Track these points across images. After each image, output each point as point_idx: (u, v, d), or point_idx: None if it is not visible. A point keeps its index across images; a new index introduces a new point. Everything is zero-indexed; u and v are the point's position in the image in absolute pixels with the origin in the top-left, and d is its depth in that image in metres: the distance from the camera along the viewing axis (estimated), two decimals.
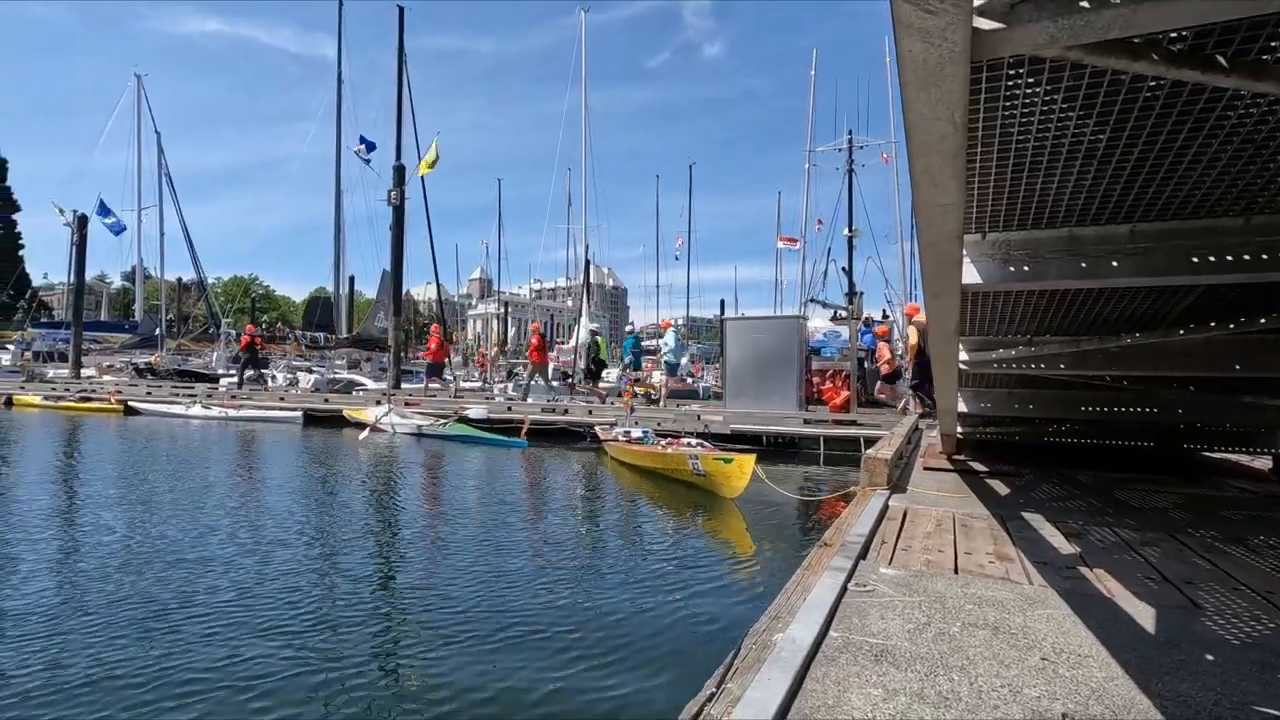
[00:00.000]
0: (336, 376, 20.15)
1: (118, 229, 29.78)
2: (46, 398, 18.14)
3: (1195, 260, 2.94)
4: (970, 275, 3.22)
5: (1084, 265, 3.09)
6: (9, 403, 18.28)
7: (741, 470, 7.01)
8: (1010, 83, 2.06)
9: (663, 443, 9.21)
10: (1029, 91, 2.09)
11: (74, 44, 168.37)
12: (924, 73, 1.48)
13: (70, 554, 4.95)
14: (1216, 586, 2.92)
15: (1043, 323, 4.40)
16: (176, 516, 6.10)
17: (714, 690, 1.79)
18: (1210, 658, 2.15)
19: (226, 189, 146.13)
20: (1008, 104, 2.14)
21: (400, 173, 19.46)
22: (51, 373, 22.97)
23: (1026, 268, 3.18)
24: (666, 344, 14.42)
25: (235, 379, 19.06)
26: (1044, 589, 2.84)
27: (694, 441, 9.29)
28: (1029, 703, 1.81)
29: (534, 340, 16.18)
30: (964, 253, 3.11)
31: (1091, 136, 2.34)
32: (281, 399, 16.42)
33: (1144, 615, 2.55)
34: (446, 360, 18.13)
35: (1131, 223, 3.04)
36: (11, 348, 28.26)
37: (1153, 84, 2.04)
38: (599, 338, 16.90)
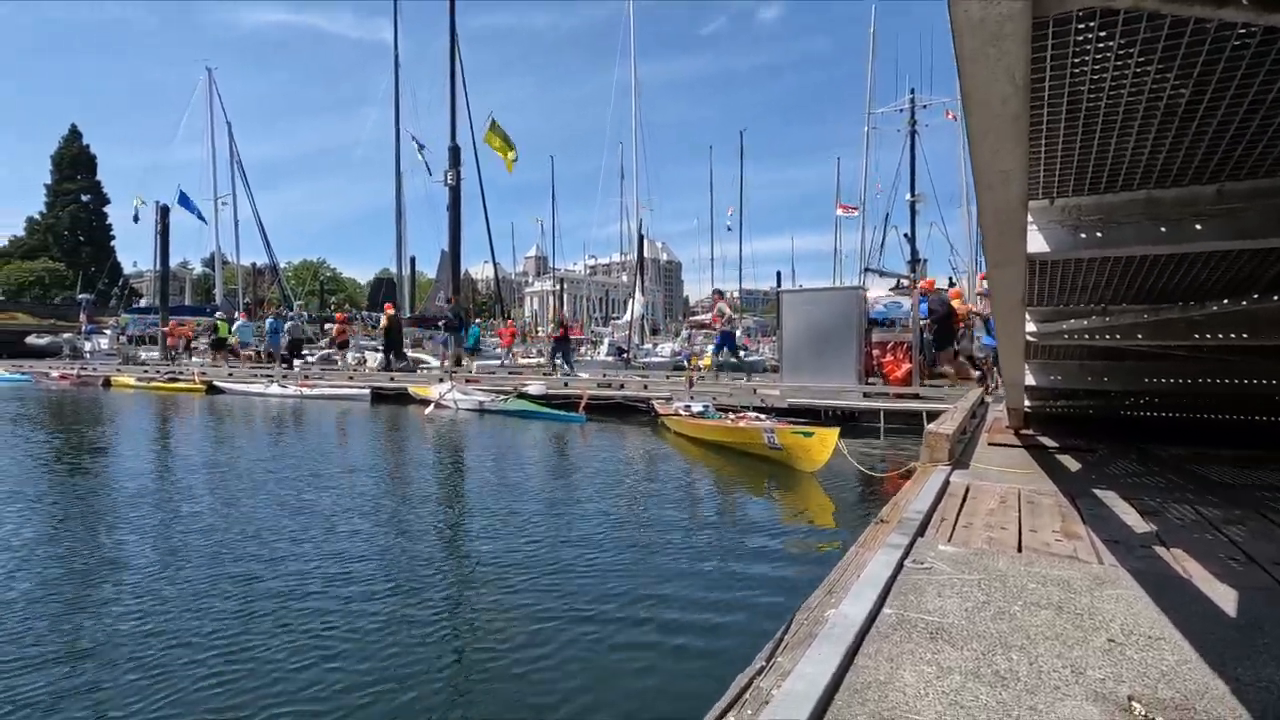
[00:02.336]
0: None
1: (203, 217, 31.68)
2: (139, 379, 19.48)
3: None
4: (1037, 243, 3.06)
5: (1163, 229, 2.89)
6: (107, 383, 19.73)
7: (823, 444, 6.93)
8: (1080, 37, 1.93)
9: (731, 416, 9.21)
10: (1101, 46, 1.96)
11: (148, 41, 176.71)
12: (982, 33, 1.41)
13: (173, 514, 5.34)
14: None
15: (1117, 291, 4.15)
16: (264, 484, 6.50)
17: (764, 664, 1.81)
18: None
19: (293, 176, 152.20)
20: (1077, 60, 2.00)
21: (455, 153, 19.80)
22: (144, 355, 24.63)
23: (1099, 234, 2.99)
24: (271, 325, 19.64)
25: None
26: (1114, 568, 2.73)
27: (762, 415, 9.26)
28: (1092, 684, 1.76)
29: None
30: (1030, 220, 2.96)
31: (1172, 92, 2.17)
32: (350, 377, 17.13)
33: (1224, 597, 2.43)
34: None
35: (1218, 182, 2.81)
36: (109, 332, 30.37)
37: (1242, 31, 1.88)
38: (220, 321, 21.71)
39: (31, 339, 32.57)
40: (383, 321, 19.15)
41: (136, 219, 30.57)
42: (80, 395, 17.71)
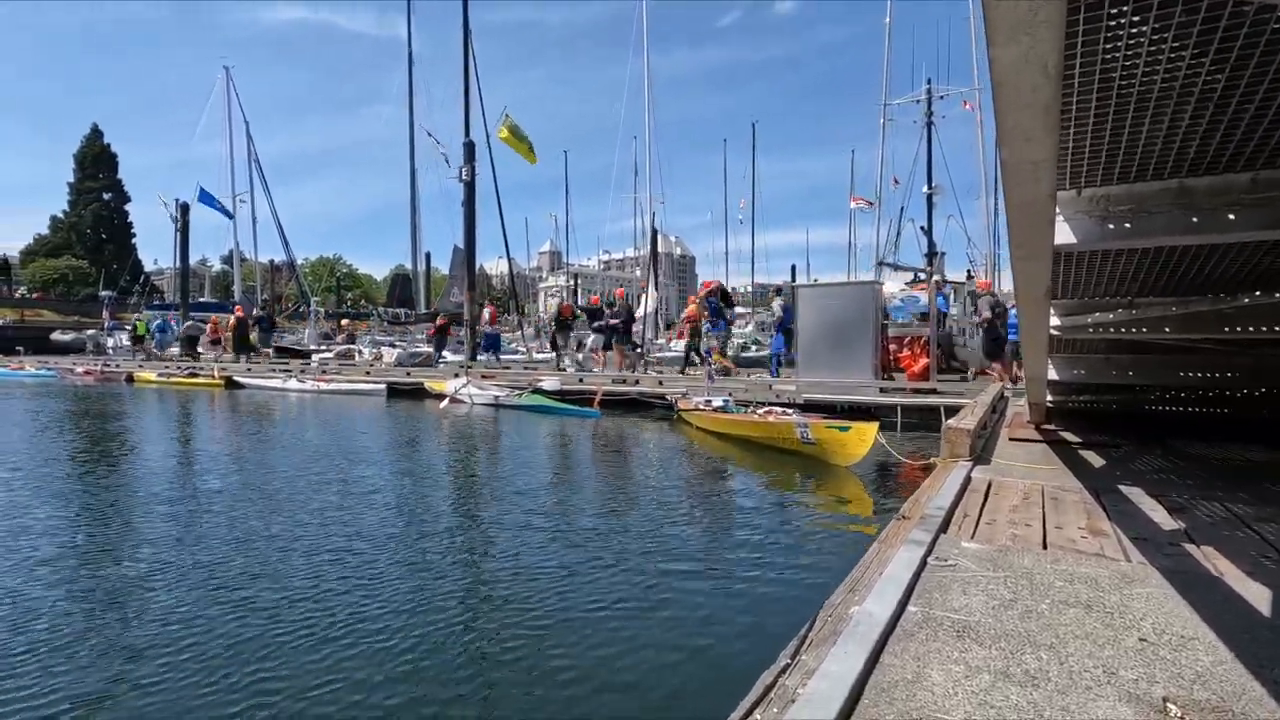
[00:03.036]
0: (417, 350, 20.97)
1: (228, 213, 32.05)
2: (160, 374, 19.79)
3: None
4: (1064, 235, 3.00)
5: (1195, 219, 2.81)
6: (130, 379, 20.06)
7: (861, 438, 6.88)
8: (1112, 22, 1.88)
9: (760, 411, 9.18)
10: (1134, 31, 1.90)
11: (167, 39, 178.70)
12: (1013, 20, 1.37)
13: (200, 507, 5.41)
14: None
15: (1145, 283, 4.06)
16: (288, 479, 6.57)
17: (788, 662, 1.80)
18: None
19: (311, 172, 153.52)
20: (1109, 46, 1.95)
21: (470, 149, 19.81)
22: (170, 351, 25.05)
23: (1128, 224, 2.92)
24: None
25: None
26: (1143, 566, 2.68)
27: (790, 410, 9.23)
28: (1126, 685, 1.73)
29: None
30: (1057, 210, 2.90)
31: (1208, 77, 2.11)
32: (367, 372, 17.27)
33: (1258, 596, 2.37)
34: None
35: (1253, 170, 2.73)
36: (130, 328, 30.82)
37: None
38: (139, 320, 25.46)
39: (56, 335, 33.18)
40: (230, 321, 22.56)
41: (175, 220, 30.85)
42: (105, 390, 18.01)
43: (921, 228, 29.74)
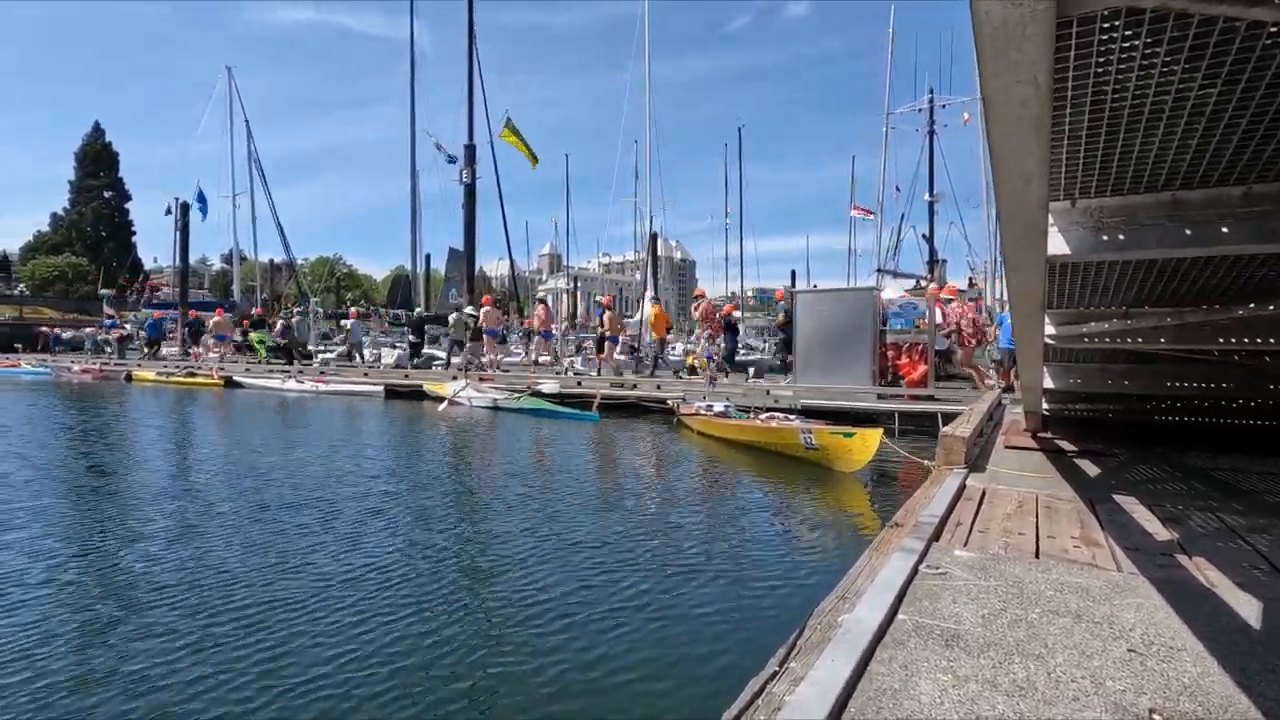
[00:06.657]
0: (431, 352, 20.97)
1: (203, 213, 32.23)
2: (159, 373, 19.82)
3: None
4: (1057, 246, 3.01)
5: (1189, 232, 2.83)
6: (129, 378, 20.09)
7: (865, 444, 6.88)
8: (1105, 37, 1.89)
9: (763, 416, 9.21)
10: (1126, 46, 1.92)
11: (172, 37, 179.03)
12: (1002, 35, 1.38)
13: (200, 505, 5.42)
14: None
15: (1140, 293, 4.08)
16: (292, 478, 6.57)
17: (777, 669, 1.80)
18: None
19: (313, 172, 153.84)
20: (1101, 60, 1.97)
21: (471, 152, 19.89)
22: (166, 350, 25.04)
23: (1122, 236, 2.94)
24: None
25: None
26: (1134, 576, 2.69)
27: (791, 416, 9.27)
28: (1112, 696, 1.73)
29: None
30: (1050, 221, 2.91)
31: (1200, 92, 2.13)
32: (366, 374, 17.29)
33: (1248, 607, 2.38)
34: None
35: (1246, 184, 2.75)
36: (128, 327, 30.81)
37: (1274, 29, 1.84)
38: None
39: (55, 333, 33.18)
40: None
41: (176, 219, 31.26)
42: (105, 389, 18.02)
43: (923, 235, 29.90)
